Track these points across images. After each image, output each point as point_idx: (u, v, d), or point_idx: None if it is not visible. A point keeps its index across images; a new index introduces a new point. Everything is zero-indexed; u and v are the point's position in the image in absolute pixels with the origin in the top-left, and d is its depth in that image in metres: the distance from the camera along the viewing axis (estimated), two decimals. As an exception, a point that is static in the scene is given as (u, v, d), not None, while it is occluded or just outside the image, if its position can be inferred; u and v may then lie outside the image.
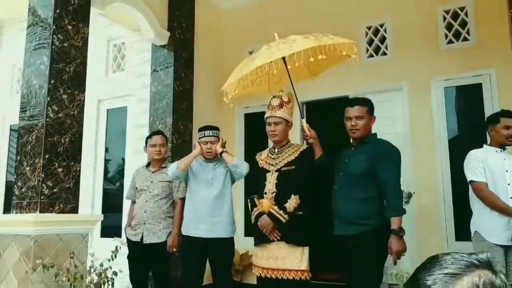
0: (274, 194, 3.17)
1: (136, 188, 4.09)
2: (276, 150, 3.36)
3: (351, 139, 3.36)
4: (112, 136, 5.97)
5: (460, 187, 4.77)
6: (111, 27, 6.04)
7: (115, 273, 3.77)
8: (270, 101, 3.37)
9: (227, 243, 3.60)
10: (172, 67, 5.34)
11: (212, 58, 6.26)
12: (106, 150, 5.94)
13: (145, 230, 3.87)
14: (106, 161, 5.93)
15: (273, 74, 3.80)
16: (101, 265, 3.70)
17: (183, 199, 3.91)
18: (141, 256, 3.90)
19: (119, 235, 5.02)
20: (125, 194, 5.24)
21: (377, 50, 5.52)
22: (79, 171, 4.08)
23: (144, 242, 3.85)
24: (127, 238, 4.05)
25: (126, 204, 5.34)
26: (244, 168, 3.53)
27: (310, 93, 5.28)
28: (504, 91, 4.63)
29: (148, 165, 4.13)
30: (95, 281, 3.53)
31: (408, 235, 4.76)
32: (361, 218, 2.99)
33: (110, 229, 5.60)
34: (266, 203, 3.14)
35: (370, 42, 5.57)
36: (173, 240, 3.86)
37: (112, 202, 5.83)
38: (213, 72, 6.24)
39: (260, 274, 3.19)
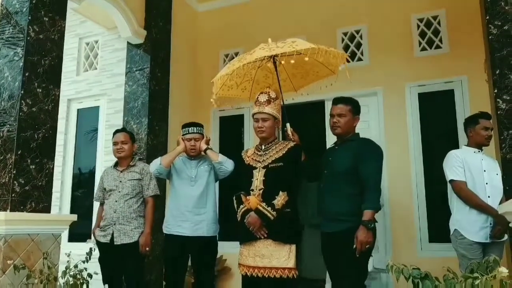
0: (261, 191, 3.12)
1: (105, 189, 3.95)
2: (263, 147, 3.32)
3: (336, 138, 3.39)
4: (83, 136, 5.76)
5: (433, 190, 4.91)
6: (83, 24, 5.89)
7: (90, 275, 3.60)
8: (258, 97, 3.34)
9: (210, 242, 3.52)
10: (149, 67, 5.22)
11: (187, 59, 6.20)
12: (76, 151, 5.71)
13: (115, 230, 3.74)
14: (76, 163, 5.70)
15: (257, 82, 3.83)
16: (76, 266, 3.52)
17: (154, 197, 3.83)
18: (112, 258, 3.76)
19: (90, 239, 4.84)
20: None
21: (353, 55, 5.61)
22: (52, 169, 3.90)
23: (115, 243, 3.71)
24: (96, 240, 3.91)
25: (97, 208, 5.15)
26: (230, 165, 3.47)
27: (286, 97, 5.30)
28: (475, 97, 4.80)
29: (116, 165, 3.99)
30: (71, 282, 3.35)
31: (382, 237, 4.87)
32: (347, 214, 3.00)
33: (79, 235, 5.37)
34: (253, 200, 3.09)
35: (346, 48, 5.66)
36: (145, 239, 3.73)
37: (81, 206, 5.59)
38: (188, 74, 6.18)
39: (246, 273, 3.12)
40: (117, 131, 4.01)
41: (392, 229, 4.98)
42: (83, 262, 3.64)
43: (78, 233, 5.42)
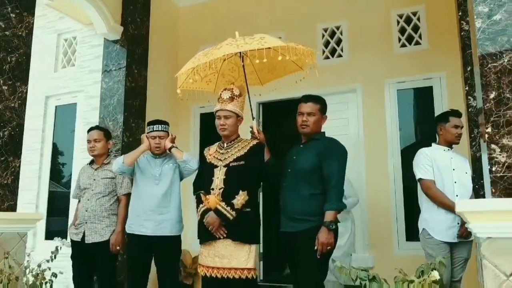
0: (221, 190, 3.07)
1: (80, 186, 3.94)
2: (225, 145, 3.27)
3: (302, 137, 3.32)
4: (61, 134, 5.72)
5: (411, 187, 4.84)
6: (62, 20, 5.83)
7: (54, 275, 3.56)
8: (221, 94, 3.29)
9: (174, 241, 3.47)
10: (125, 63, 5.17)
11: (167, 56, 6.13)
12: (54, 149, 5.67)
13: (87, 229, 3.72)
14: (53, 160, 5.65)
15: (223, 75, 3.78)
16: (39, 266, 3.49)
17: (127, 195, 3.78)
18: (84, 256, 3.76)
19: (65, 237, 4.80)
20: (71, 194, 5.05)
21: (333, 52, 5.55)
22: (19, 167, 3.85)
23: (86, 241, 3.70)
24: (70, 239, 3.91)
25: (73, 206, 5.12)
26: (194, 164, 3.41)
27: (266, 94, 5.26)
28: (454, 94, 4.73)
29: (91, 162, 3.97)
30: (30, 282, 3.31)
31: (360, 235, 4.82)
32: (307, 214, 2.95)
33: (56, 232, 5.34)
34: (212, 199, 3.04)
35: (327, 44, 5.59)
36: (116, 238, 3.69)
37: (59, 204, 5.56)
38: (168, 71, 6.09)
39: (206, 274, 3.08)
40: (90, 129, 3.99)
41: (369, 226, 4.93)
42: (47, 261, 3.61)
43: (57, 230, 5.40)
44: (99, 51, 5.44)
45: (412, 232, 4.78)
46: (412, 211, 4.80)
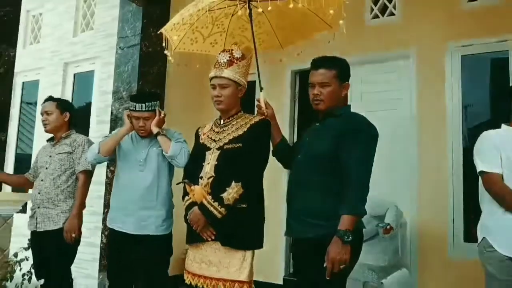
0: (211, 180, 2.41)
1: (36, 166, 3.38)
2: (222, 122, 2.59)
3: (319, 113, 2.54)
4: (79, 103, 5.31)
5: (474, 178, 3.92)
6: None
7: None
8: (217, 57, 2.59)
9: (162, 241, 2.84)
10: (141, 25, 4.59)
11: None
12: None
13: (39, 215, 3.13)
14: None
15: (232, 35, 3.09)
16: (15, 255, 3.05)
17: (86, 172, 3.17)
18: (40, 247, 3.18)
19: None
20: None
21: (383, 10, 4.61)
22: (5, 141, 3.45)
23: (38, 229, 3.13)
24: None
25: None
26: (182, 160, 2.70)
27: (302, 60, 4.47)
28: (537, 60, 3.69)
29: (52, 139, 3.38)
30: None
31: (407, 232, 4.00)
32: (318, 217, 2.20)
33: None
34: (198, 191, 2.38)
35: (376, 1, 4.66)
36: (70, 224, 3.06)
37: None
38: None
39: (191, 282, 2.46)
40: (44, 100, 3.39)
41: (419, 223, 4.08)
42: (25, 249, 3.14)
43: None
44: (116, 13, 4.90)
45: (472, 231, 3.89)
46: (473, 207, 3.89)
